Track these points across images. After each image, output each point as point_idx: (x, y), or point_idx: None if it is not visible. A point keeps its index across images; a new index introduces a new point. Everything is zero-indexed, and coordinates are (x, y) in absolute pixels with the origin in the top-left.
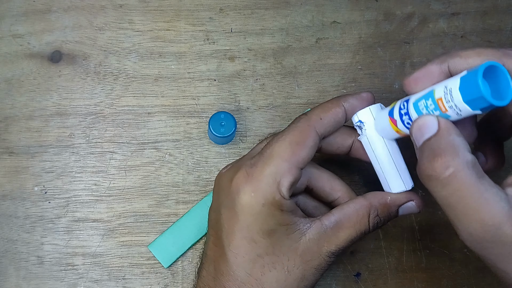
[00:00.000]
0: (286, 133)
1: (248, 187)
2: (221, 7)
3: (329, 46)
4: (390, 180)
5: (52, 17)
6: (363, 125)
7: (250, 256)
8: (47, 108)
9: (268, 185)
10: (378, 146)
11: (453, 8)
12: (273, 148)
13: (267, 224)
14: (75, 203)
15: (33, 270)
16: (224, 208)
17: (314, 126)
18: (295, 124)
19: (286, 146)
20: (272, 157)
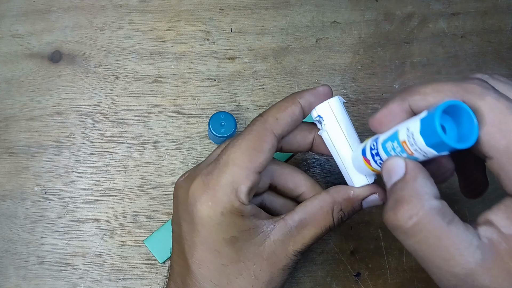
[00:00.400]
0: (242, 138)
1: (205, 198)
2: (221, 7)
3: (329, 46)
4: (352, 174)
5: (52, 17)
6: (322, 119)
7: (215, 266)
8: (47, 108)
9: (226, 194)
10: (339, 140)
11: (453, 8)
12: (229, 154)
13: (229, 233)
14: (75, 203)
15: (33, 270)
16: (184, 220)
17: (271, 128)
18: (250, 127)
19: (242, 152)
20: (228, 165)
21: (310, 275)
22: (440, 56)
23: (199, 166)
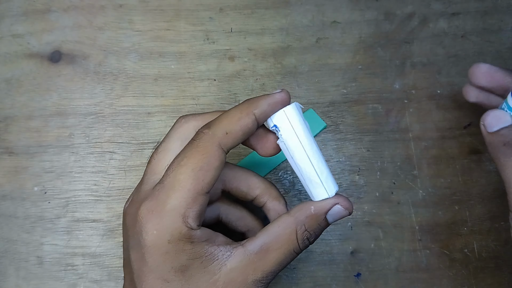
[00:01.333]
0: (188, 156)
1: (150, 226)
2: (221, 7)
3: (329, 46)
4: (312, 187)
5: (52, 17)
6: (279, 130)
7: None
8: (47, 108)
9: (171, 220)
10: (297, 151)
11: (453, 8)
12: (174, 176)
13: (178, 261)
14: (75, 203)
15: (33, 270)
16: (132, 249)
17: (219, 143)
18: (197, 142)
19: (188, 173)
20: (173, 188)
21: (310, 275)
22: (441, 56)
23: (142, 188)
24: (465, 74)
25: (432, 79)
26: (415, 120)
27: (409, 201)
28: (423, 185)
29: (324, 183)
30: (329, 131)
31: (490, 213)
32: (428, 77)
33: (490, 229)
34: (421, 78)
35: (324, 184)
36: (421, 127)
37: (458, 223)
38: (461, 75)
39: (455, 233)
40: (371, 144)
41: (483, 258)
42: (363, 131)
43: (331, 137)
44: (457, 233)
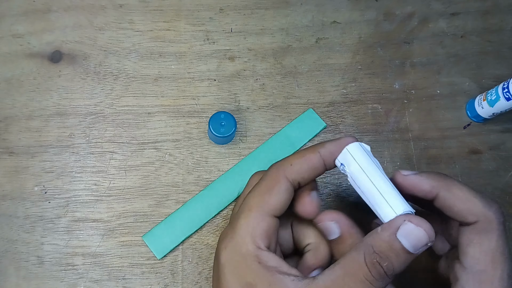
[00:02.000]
0: (258, 184)
1: (225, 243)
2: (221, 7)
3: (329, 46)
4: (380, 211)
5: (52, 17)
6: (345, 167)
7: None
8: (47, 108)
9: (242, 237)
10: (364, 184)
11: (453, 7)
12: (246, 201)
13: (244, 278)
14: (75, 203)
15: (33, 270)
16: (213, 277)
17: (284, 172)
18: (266, 173)
19: (256, 196)
20: (244, 210)
21: None
22: (440, 56)
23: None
24: (465, 74)
25: (432, 79)
26: (415, 120)
27: None
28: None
29: (389, 202)
30: (329, 131)
31: None
32: (428, 77)
33: None
34: (421, 78)
35: (389, 203)
36: (421, 127)
37: None
38: (461, 75)
39: None
40: (371, 144)
41: None
42: (363, 131)
43: (331, 137)
44: None
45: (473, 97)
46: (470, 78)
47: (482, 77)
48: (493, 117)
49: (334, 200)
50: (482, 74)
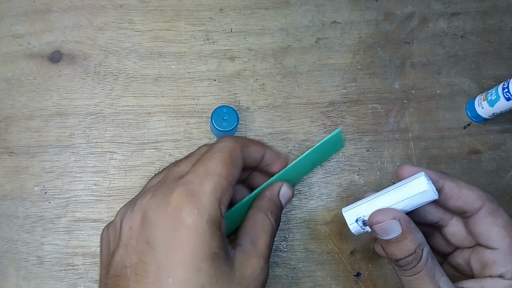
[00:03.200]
0: (218, 151)
1: (191, 206)
2: (221, 7)
3: (329, 46)
4: None
5: (52, 17)
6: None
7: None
8: (47, 108)
9: (211, 202)
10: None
11: (453, 8)
12: (208, 166)
13: (211, 246)
14: (75, 203)
15: (33, 270)
16: (157, 241)
17: (241, 149)
18: (222, 143)
19: (222, 164)
20: (210, 174)
21: (310, 275)
22: (440, 56)
23: (163, 183)
24: (465, 74)
25: (431, 79)
26: (415, 120)
27: None
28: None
29: None
30: (329, 131)
31: None
32: (428, 77)
33: None
34: (421, 78)
35: None
36: (420, 127)
37: None
38: (461, 75)
39: None
40: (371, 144)
41: None
42: (363, 131)
43: None
44: None
45: (473, 97)
46: (470, 78)
47: (482, 77)
48: (493, 117)
49: (334, 200)
50: (482, 74)
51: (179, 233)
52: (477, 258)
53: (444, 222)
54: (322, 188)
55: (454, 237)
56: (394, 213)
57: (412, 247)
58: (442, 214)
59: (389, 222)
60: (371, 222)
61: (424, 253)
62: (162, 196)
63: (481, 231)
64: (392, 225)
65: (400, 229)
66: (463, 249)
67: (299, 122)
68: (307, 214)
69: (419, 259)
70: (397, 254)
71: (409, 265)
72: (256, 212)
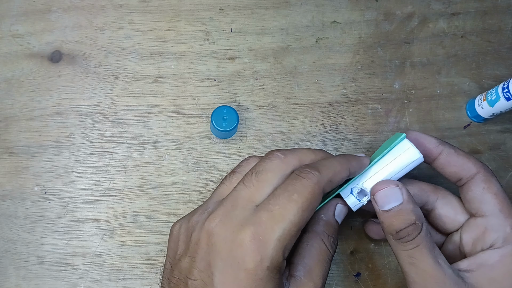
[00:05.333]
0: (298, 193)
1: (256, 252)
2: (221, 7)
3: (329, 46)
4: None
5: (52, 17)
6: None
7: None
8: (47, 108)
9: (276, 249)
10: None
11: (453, 8)
12: (284, 208)
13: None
14: (75, 203)
15: (33, 270)
16: (220, 271)
17: (323, 189)
18: (306, 181)
19: (297, 209)
20: (283, 220)
21: None
22: (440, 56)
23: (236, 213)
24: (465, 74)
25: (431, 79)
26: (415, 120)
27: None
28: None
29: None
30: (329, 131)
31: None
32: (428, 77)
33: None
34: (421, 78)
35: None
36: (421, 127)
37: None
38: (461, 75)
39: None
40: (371, 144)
41: None
42: (363, 131)
43: (331, 137)
44: None
45: (473, 97)
46: (470, 78)
47: (482, 77)
48: (493, 117)
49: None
50: (482, 74)
51: (239, 274)
52: (468, 234)
53: (429, 206)
54: None
55: (442, 221)
56: (395, 182)
57: (412, 217)
58: (426, 198)
59: (391, 188)
60: (374, 191)
61: (424, 226)
62: (231, 229)
63: (474, 197)
64: (394, 192)
65: (401, 198)
66: (453, 233)
67: (299, 122)
68: None
69: (419, 231)
70: (397, 225)
71: (409, 236)
72: (313, 237)
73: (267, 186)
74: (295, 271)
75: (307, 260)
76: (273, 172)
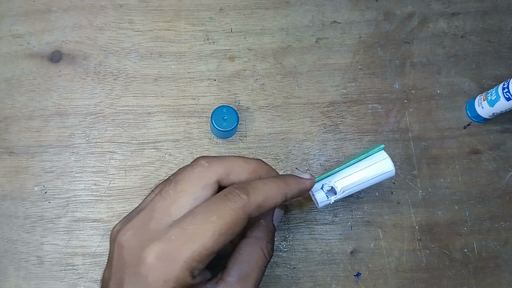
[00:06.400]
0: (218, 215)
1: (160, 274)
2: (221, 7)
3: (329, 46)
4: None
5: (52, 17)
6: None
7: None
8: (47, 108)
9: (181, 271)
10: None
11: (453, 8)
12: (198, 229)
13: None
14: (75, 203)
15: (33, 270)
16: (128, 284)
17: (249, 213)
18: (231, 204)
19: (213, 233)
20: (194, 241)
21: (310, 275)
22: (440, 56)
23: (151, 226)
24: (465, 74)
25: (431, 79)
26: (415, 120)
27: (409, 201)
28: (423, 185)
29: None
30: (329, 131)
31: (490, 213)
32: (428, 77)
33: (490, 229)
34: (421, 78)
35: None
36: (420, 127)
37: (458, 223)
38: (461, 75)
39: (454, 233)
40: (371, 144)
41: (483, 258)
42: (363, 131)
43: (331, 137)
44: (457, 233)
45: (473, 97)
46: (470, 78)
47: (482, 77)
48: (493, 117)
49: None
50: (482, 74)
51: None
52: None
53: None
54: None
55: None
56: None
57: None
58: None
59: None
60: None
61: None
62: (140, 243)
63: None
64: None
65: None
66: None
67: (299, 122)
68: (307, 214)
69: None
70: None
71: None
72: (251, 243)
73: (185, 197)
74: (228, 276)
75: (243, 266)
76: (192, 182)
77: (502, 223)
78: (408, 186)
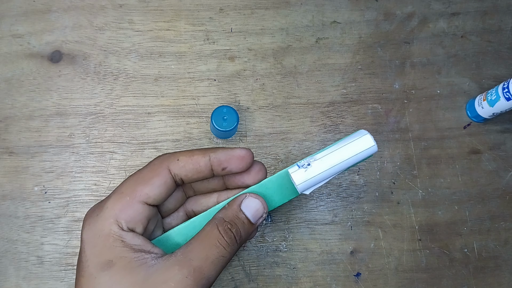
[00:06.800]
0: (139, 170)
1: (88, 221)
2: (221, 7)
3: (329, 46)
4: None
5: (52, 17)
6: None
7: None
8: (47, 108)
9: (106, 218)
10: None
11: (453, 8)
12: (122, 184)
13: (105, 256)
14: (75, 203)
15: (33, 270)
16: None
17: (168, 165)
18: (151, 161)
19: (131, 182)
20: (115, 193)
21: (310, 275)
22: (440, 56)
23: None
24: (465, 74)
25: (431, 79)
26: (415, 120)
27: (409, 201)
28: (423, 185)
29: None
30: (329, 131)
31: (490, 213)
32: (428, 77)
33: (490, 229)
34: (421, 78)
35: None
36: (420, 127)
37: (458, 223)
38: (461, 75)
39: (454, 233)
40: None
41: (483, 258)
42: None
43: (331, 137)
44: (457, 233)
45: (473, 97)
46: (470, 78)
47: (482, 77)
48: (493, 117)
49: (334, 200)
50: (482, 74)
51: (81, 247)
52: None
53: None
54: (322, 188)
55: None
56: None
57: None
58: None
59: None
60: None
61: None
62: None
63: None
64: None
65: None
66: None
67: (299, 122)
68: (307, 214)
69: None
70: None
71: None
72: (209, 223)
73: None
74: (178, 250)
75: (192, 241)
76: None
77: (502, 223)
78: (408, 186)
